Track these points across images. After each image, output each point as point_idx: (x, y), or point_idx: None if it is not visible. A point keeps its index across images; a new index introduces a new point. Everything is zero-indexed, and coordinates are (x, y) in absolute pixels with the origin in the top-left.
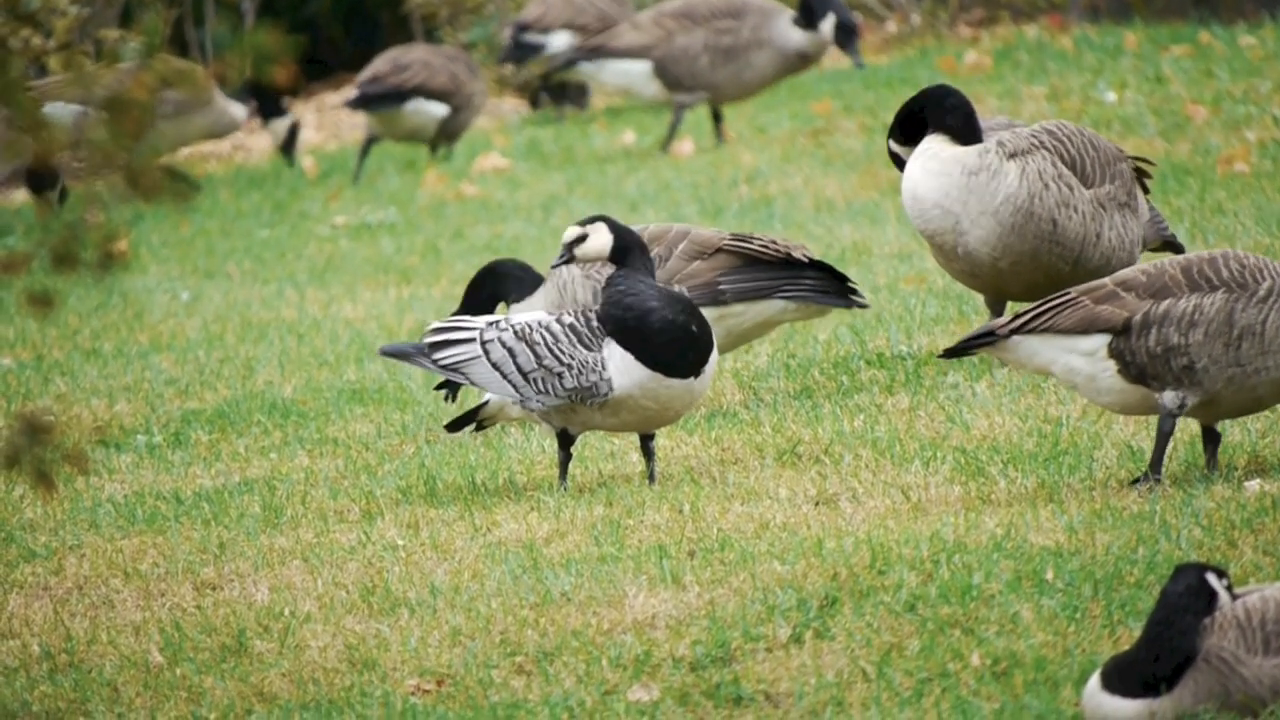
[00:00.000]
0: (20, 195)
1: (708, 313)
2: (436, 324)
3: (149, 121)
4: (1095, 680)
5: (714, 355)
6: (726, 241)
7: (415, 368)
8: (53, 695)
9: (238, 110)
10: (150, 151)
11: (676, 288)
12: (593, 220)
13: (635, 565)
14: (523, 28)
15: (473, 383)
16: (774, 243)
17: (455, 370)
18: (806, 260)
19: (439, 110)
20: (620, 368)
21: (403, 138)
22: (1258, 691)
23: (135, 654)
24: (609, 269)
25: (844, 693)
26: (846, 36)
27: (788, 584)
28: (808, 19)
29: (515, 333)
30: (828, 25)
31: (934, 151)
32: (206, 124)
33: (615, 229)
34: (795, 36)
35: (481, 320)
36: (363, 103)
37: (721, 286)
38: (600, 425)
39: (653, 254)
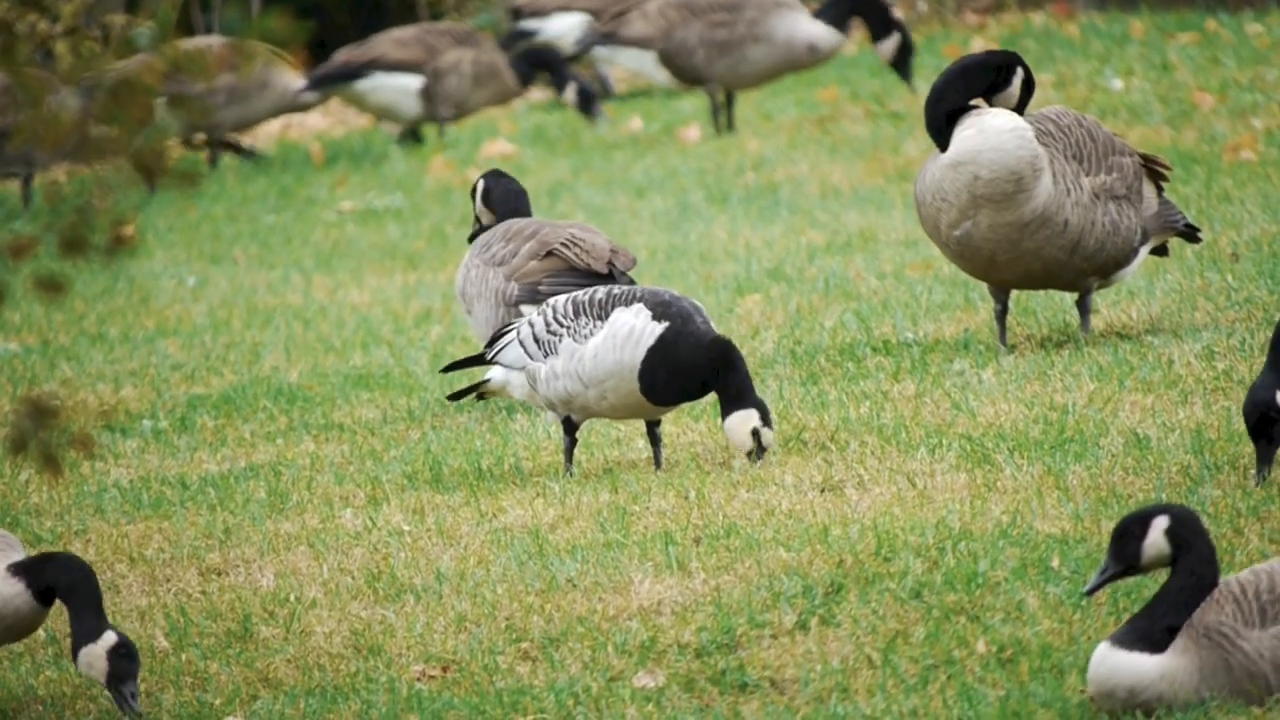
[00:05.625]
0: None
1: (527, 309)
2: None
3: (154, 106)
4: (1104, 645)
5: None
6: (557, 246)
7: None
8: (58, 680)
9: (298, 89)
10: (157, 136)
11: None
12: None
13: (641, 551)
14: (516, 13)
15: (507, 365)
16: (588, 254)
17: (497, 362)
18: (608, 272)
19: (409, 82)
20: (608, 344)
21: (386, 116)
22: (1259, 666)
23: (141, 639)
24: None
25: (849, 679)
26: (905, 57)
27: (793, 571)
28: (833, 17)
29: (539, 310)
30: (890, 44)
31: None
32: (268, 105)
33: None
34: (813, 30)
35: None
36: (313, 85)
37: (541, 287)
38: (599, 412)
39: (507, 248)
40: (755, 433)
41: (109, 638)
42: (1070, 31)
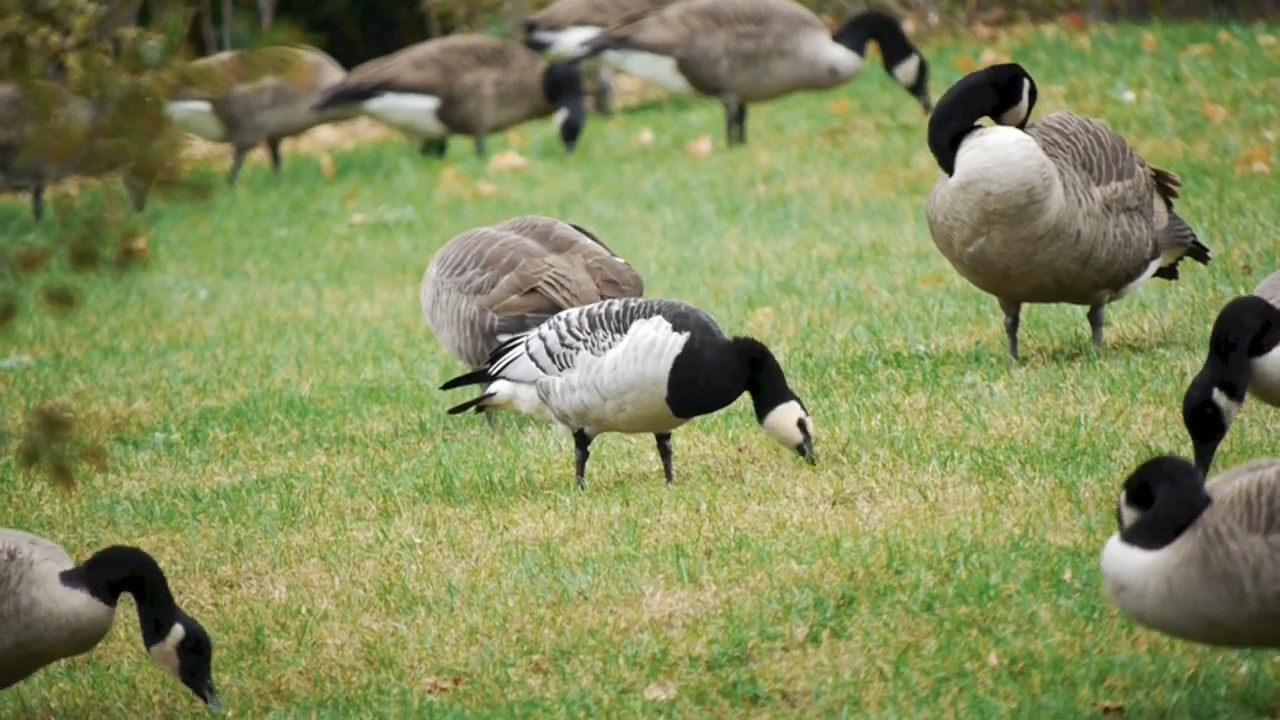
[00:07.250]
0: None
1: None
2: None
3: (165, 119)
4: (1114, 538)
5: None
6: (542, 283)
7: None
8: (71, 692)
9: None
10: (168, 149)
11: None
12: None
13: (652, 564)
14: (531, 27)
15: (514, 380)
16: (576, 298)
17: (502, 376)
18: None
19: (422, 104)
20: (628, 357)
21: (409, 133)
22: (1237, 569)
23: None
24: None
25: (861, 692)
26: (923, 79)
27: (805, 583)
28: (852, 42)
29: (549, 324)
30: (910, 66)
31: (1023, 135)
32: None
33: None
34: (835, 53)
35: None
36: (324, 104)
37: (526, 320)
38: (614, 425)
39: (485, 275)
40: (801, 423)
41: (177, 632)
42: (1081, 43)
